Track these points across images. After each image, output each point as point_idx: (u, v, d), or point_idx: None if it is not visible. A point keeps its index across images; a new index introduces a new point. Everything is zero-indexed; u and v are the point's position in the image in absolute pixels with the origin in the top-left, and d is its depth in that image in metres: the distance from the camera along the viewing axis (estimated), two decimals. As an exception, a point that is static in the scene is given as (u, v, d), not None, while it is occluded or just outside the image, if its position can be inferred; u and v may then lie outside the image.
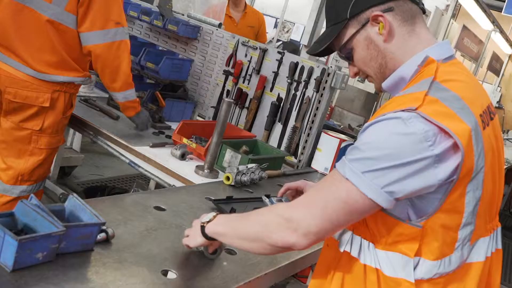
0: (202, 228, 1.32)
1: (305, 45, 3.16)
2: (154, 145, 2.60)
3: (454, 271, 1.15)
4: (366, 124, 1.10)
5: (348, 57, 1.29)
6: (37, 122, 2.34)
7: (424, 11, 1.26)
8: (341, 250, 1.20)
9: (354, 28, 1.24)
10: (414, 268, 1.12)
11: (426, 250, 1.12)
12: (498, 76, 9.05)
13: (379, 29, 1.20)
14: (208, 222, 1.32)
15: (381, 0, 1.21)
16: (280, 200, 1.52)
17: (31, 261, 1.17)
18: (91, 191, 3.82)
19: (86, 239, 1.29)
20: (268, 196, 1.56)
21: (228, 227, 1.27)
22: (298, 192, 1.61)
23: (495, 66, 8.33)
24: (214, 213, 1.34)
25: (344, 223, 1.11)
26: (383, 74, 1.25)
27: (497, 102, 9.42)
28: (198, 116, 3.47)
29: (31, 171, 2.39)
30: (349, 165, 1.08)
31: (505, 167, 5.47)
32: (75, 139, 4.35)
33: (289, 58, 2.99)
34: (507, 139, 5.22)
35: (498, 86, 9.64)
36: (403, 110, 1.05)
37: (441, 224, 1.11)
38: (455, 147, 1.04)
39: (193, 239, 1.38)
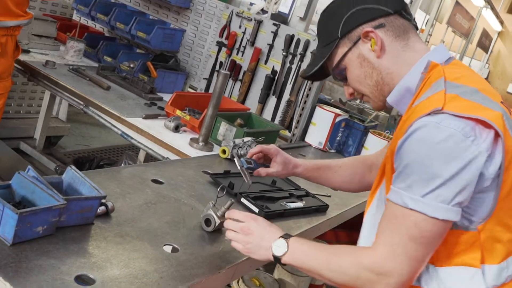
0: (277, 259, 1.20)
1: (301, 18, 3.10)
2: (146, 117, 2.55)
3: None
4: (399, 143, 1.05)
5: (342, 77, 1.27)
6: None
7: (417, 27, 1.24)
8: None
9: (346, 46, 1.22)
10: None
11: (488, 255, 1.06)
12: (486, 53, 9.08)
13: (371, 46, 1.19)
14: (283, 255, 1.19)
15: (371, 17, 1.19)
16: (250, 162, 1.51)
17: (31, 234, 1.13)
18: (79, 162, 3.76)
19: (86, 213, 1.26)
20: (240, 156, 1.55)
21: (308, 266, 1.17)
22: (266, 158, 1.57)
23: (485, 43, 8.35)
24: (285, 243, 1.19)
25: (431, 252, 1.06)
26: (381, 92, 1.23)
27: (485, 79, 9.47)
28: (190, 87, 3.41)
29: None
30: (406, 194, 1.02)
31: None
32: (61, 108, 4.25)
33: (285, 30, 2.93)
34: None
35: (486, 63, 9.68)
36: (429, 114, 1.01)
37: (498, 222, 1.06)
38: (495, 136, 1.00)
39: (260, 255, 1.23)
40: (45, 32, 3.28)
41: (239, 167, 1.49)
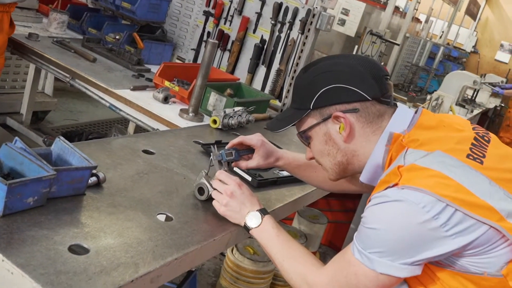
0: (246, 229, 1.32)
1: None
2: (135, 88, 2.52)
3: None
4: (366, 206, 1.09)
5: (306, 143, 1.27)
6: None
7: (396, 105, 1.22)
8: None
9: (315, 119, 1.20)
10: None
11: None
12: (474, 20, 9.04)
13: (339, 128, 1.17)
14: (253, 228, 1.30)
15: (347, 100, 1.16)
16: (230, 154, 1.48)
17: (22, 206, 1.12)
18: (68, 137, 3.71)
19: (77, 183, 1.24)
20: (219, 142, 1.49)
21: (267, 250, 1.28)
22: (248, 148, 1.52)
23: (473, 10, 8.29)
24: (260, 219, 1.30)
25: None
26: (344, 169, 1.23)
27: (473, 46, 9.45)
28: (177, 58, 3.36)
29: None
30: (356, 244, 1.07)
31: (479, 111, 5.51)
32: (47, 82, 4.17)
33: (273, -3, 2.88)
34: (483, 83, 5.28)
35: (474, 30, 9.65)
36: (385, 189, 1.03)
37: None
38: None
39: (234, 219, 1.34)
40: (27, 4, 3.19)
41: (214, 161, 1.43)
